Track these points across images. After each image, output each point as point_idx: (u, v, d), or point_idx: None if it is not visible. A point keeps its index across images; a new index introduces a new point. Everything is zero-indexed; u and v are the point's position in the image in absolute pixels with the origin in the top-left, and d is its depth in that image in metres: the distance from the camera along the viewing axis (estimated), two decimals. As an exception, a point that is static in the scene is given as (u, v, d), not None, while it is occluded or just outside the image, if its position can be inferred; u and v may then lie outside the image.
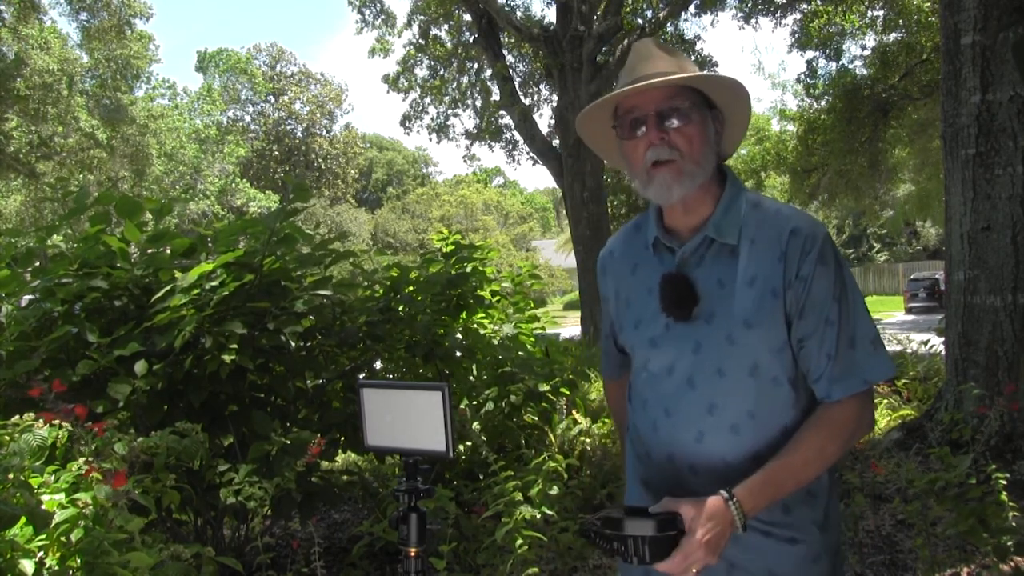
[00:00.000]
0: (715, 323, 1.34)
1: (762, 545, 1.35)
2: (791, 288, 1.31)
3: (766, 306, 1.32)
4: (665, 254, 1.43)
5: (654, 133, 1.34)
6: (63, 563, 1.82)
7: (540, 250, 43.82)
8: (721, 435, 1.34)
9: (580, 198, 10.91)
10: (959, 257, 4.52)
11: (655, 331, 1.41)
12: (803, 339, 1.32)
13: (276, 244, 3.14)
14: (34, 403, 2.44)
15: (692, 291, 1.36)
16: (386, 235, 44.97)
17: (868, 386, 1.32)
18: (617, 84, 1.43)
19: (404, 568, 1.49)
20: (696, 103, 1.37)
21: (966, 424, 3.99)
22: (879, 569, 3.26)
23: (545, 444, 4.33)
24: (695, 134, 1.35)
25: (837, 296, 1.32)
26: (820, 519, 1.38)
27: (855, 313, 1.33)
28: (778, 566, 1.36)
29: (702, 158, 1.35)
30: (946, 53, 4.59)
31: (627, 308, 1.49)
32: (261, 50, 44.35)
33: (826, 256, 1.32)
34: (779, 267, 1.32)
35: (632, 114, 1.37)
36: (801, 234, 1.33)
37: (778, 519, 1.35)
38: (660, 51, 1.40)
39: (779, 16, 13.77)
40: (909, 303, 25.49)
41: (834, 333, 1.31)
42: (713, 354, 1.34)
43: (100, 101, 20.94)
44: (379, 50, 14.71)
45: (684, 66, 1.39)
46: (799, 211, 1.41)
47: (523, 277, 4.99)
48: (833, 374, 1.31)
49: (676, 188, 1.35)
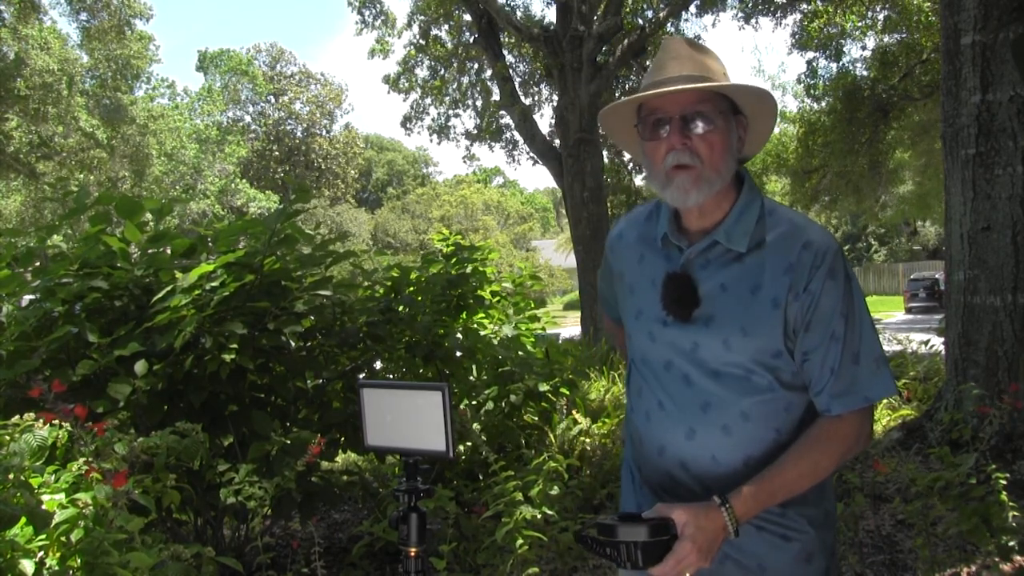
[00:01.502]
0: (713, 327, 1.35)
1: (754, 539, 1.36)
2: (798, 300, 1.31)
3: (765, 316, 1.32)
4: (672, 251, 1.43)
5: (676, 138, 1.33)
6: (63, 563, 1.82)
7: (540, 250, 43.83)
8: (713, 434, 1.35)
9: (580, 198, 10.90)
10: (959, 257, 4.52)
11: (654, 326, 1.42)
12: (808, 352, 1.32)
13: (277, 244, 3.15)
14: (34, 403, 2.44)
15: (694, 293, 1.37)
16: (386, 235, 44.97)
17: (869, 403, 1.33)
18: (644, 80, 1.41)
19: (404, 568, 1.49)
20: (721, 109, 1.35)
21: (966, 424, 3.98)
22: (879, 569, 3.26)
23: (545, 444, 4.33)
24: (717, 141, 1.34)
25: (844, 312, 1.31)
26: (816, 518, 1.39)
27: (861, 330, 1.33)
28: (769, 561, 1.37)
29: (722, 166, 1.35)
30: (946, 53, 4.59)
31: (630, 294, 1.50)
32: (261, 50, 44.37)
33: (836, 271, 1.32)
34: (785, 279, 1.32)
35: (656, 115, 1.36)
36: (812, 248, 1.32)
37: (773, 515, 1.36)
38: (690, 50, 1.39)
39: (779, 16, 13.75)
40: (909, 303, 25.50)
41: (839, 348, 1.31)
42: (709, 356, 1.35)
43: (100, 101, 20.95)
44: (379, 51, 14.70)
45: (713, 68, 1.37)
46: (813, 223, 1.41)
47: (523, 278, 4.99)
48: (835, 389, 1.31)
49: (694, 194, 1.34)
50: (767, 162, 18.11)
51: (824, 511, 1.41)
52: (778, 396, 1.35)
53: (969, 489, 2.77)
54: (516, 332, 4.37)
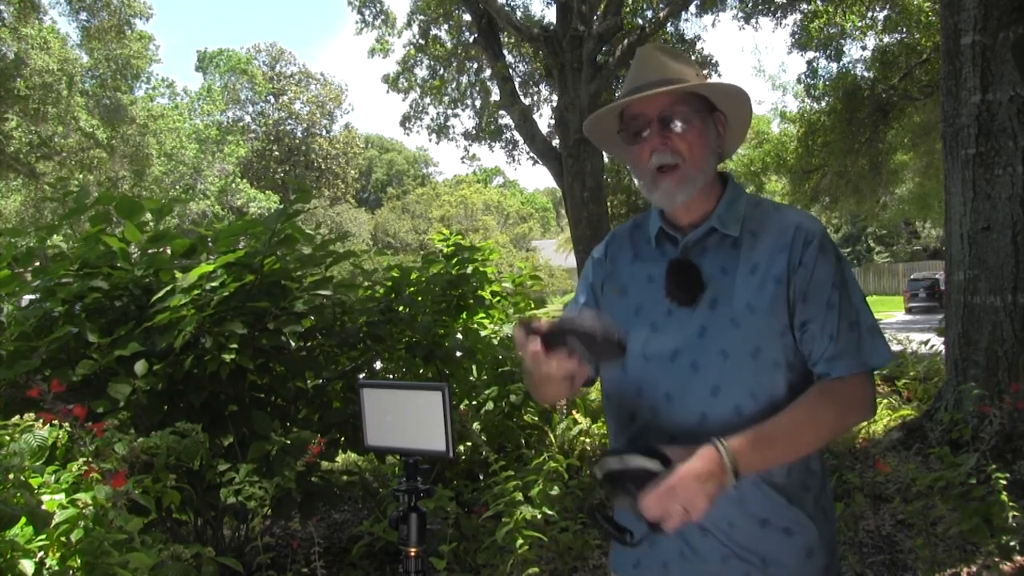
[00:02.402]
0: (719, 308, 1.38)
1: (758, 534, 1.37)
2: (795, 274, 1.37)
3: (768, 292, 1.36)
4: (667, 246, 1.47)
5: (657, 139, 1.39)
6: (63, 563, 1.82)
7: (540, 250, 43.81)
8: (725, 416, 1.35)
9: (580, 198, 10.90)
10: (959, 257, 4.52)
11: (657, 316, 1.43)
12: (806, 322, 1.36)
13: (277, 244, 3.15)
14: (34, 403, 2.44)
15: (699, 277, 1.40)
16: (386, 235, 44.99)
17: (867, 368, 1.36)
18: (622, 89, 1.48)
19: (404, 568, 1.49)
20: (698, 108, 1.41)
21: (966, 424, 3.98)
22: (879, 569, 3.26)
23: (545, 444, 4.33)
24: (697, 138, 1.40)
25: (838, 284, 1.37)
26: (814, 512, 1.40)
27: (856, 301, 1.38)
28: (772, 554, 1.37)
29: (703, 162, 1.41)
30: (946, 53, 4.59)
31: (623, 297, 1.51)
32: (261, 50, 44.38)
33: (827, 248, 1.38)
34: (781, 257, 1.37)
35: (636, 120, 1.42)
36: (803, 228, 1.39)
37: (779, 508, 1.36)
38: (663, 56, 1.45)
39: (779, 16, 13.76)
40: (909, 303, 25.49)
41: (835, 316, 1.35)
42: (718, 337, 1.37)
43: (100, 101, 20.96)
44: (379, 50, 14.71)
45: (686, 71, 1.43)
46: (799, 210, 1.49)
47: (523, 278, 4.99)
48: (833, 353, 1.35)
49: (679, 194, 1.41)
50: (767, 162, 18.10)
51: (823, 508, 1.42)
52: (782, 375, 1.37)
53: (969, 489, 2.77)
54: (516, 332, 4.36)
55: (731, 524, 1.36)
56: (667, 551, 1.41)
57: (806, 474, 1.40)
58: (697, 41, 14.61)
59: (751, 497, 1.35)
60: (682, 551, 1.39)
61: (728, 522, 1.36)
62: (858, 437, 4.96)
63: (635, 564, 1.46)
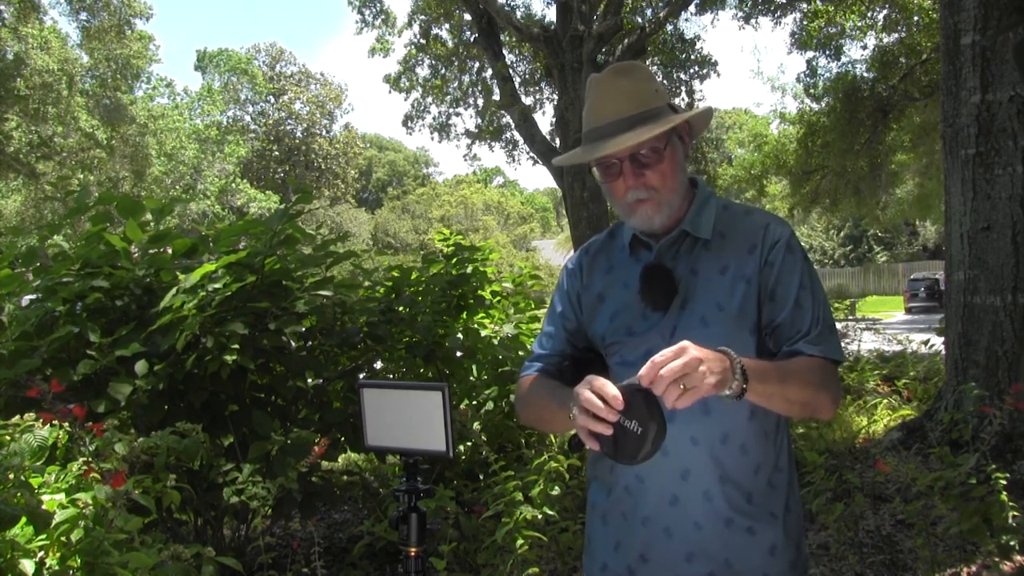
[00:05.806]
0: (689, 308, 1.42)
1: (723, 534, 1.39)
2: (761, 272, 1.41)
3: (739, 291, 1.41)
4: (642, 252, 1.51)
5: (631, 179, 1.43)
6: (63, 563, 1.82)
7: (540, 250, 43.81)
8: (692, 414, 1.35)
9: (580, 198, 10.90)
10: (959, 257, 4.52)
11: (632, 321, 1.46)
12: (774, 319, 1.40)
13: (278, 245, 3.15)
14: (34, 403, 2.44)
15: (672, 280, 1.43)
16: (386, 235, 45.00)
17: (832, 359, 1.39)
18: (584, 121, 1.48)
19: (404, 568, 1.50)
20: (664, 135, 1.43)
21: (966, 424, 3.98)
22: (879, 569, 3.26)
23: (545, 444, 4.33)
24: (668, 167, 1.44)
25: (806, 284, 1.42)
26: (780, 511, 1.43)
27: (820, 299, 1.43)
28: (737, 557, 1.39)
29: (677, 185, 1.46)
30: (946, 53, 4.59)
31: (600, 304, 1.53)
32: (261, 50, 44.39)
33: (794, 248, 1.44)
34: (751, 258, 1.43)
35: (607, 161, 1.45)
36: (771, 229, 1.45)
37: (742, 507, 1.39)
38: (620, 81, 1.44)
39: (779, 16, 13.76)
40: (909, 303, 25.48)
41: (804, 313, 1.40)
42: (687, 336, 1.33)
43: (100, 101, 20.95)
44: (379, 50, 14.71)
45: (645, 94, 1.43)
46: (767, 212, 1.57)
47: (523, 278, 4.99)
48: (808, 340, 1.39)
49: (657, 218, 1.45)
50: (766, 163, 18.08)
51: (787, 506, 1.44)
52: None
53: (969, 489, 2.77)
54: (516, 332, 4.36)
55: (696, 525, 1.39)
56: (631, 556, 1.44)
57: (773, 471, 1.43)
58: (697, 41, 14.61)
59: (716, 496, 1.38)
60: (643, 555, 1.43)
61: (694, 523, 1.39)
62: (858, 437, 4.96)
63: (602, 568, 1.49)
